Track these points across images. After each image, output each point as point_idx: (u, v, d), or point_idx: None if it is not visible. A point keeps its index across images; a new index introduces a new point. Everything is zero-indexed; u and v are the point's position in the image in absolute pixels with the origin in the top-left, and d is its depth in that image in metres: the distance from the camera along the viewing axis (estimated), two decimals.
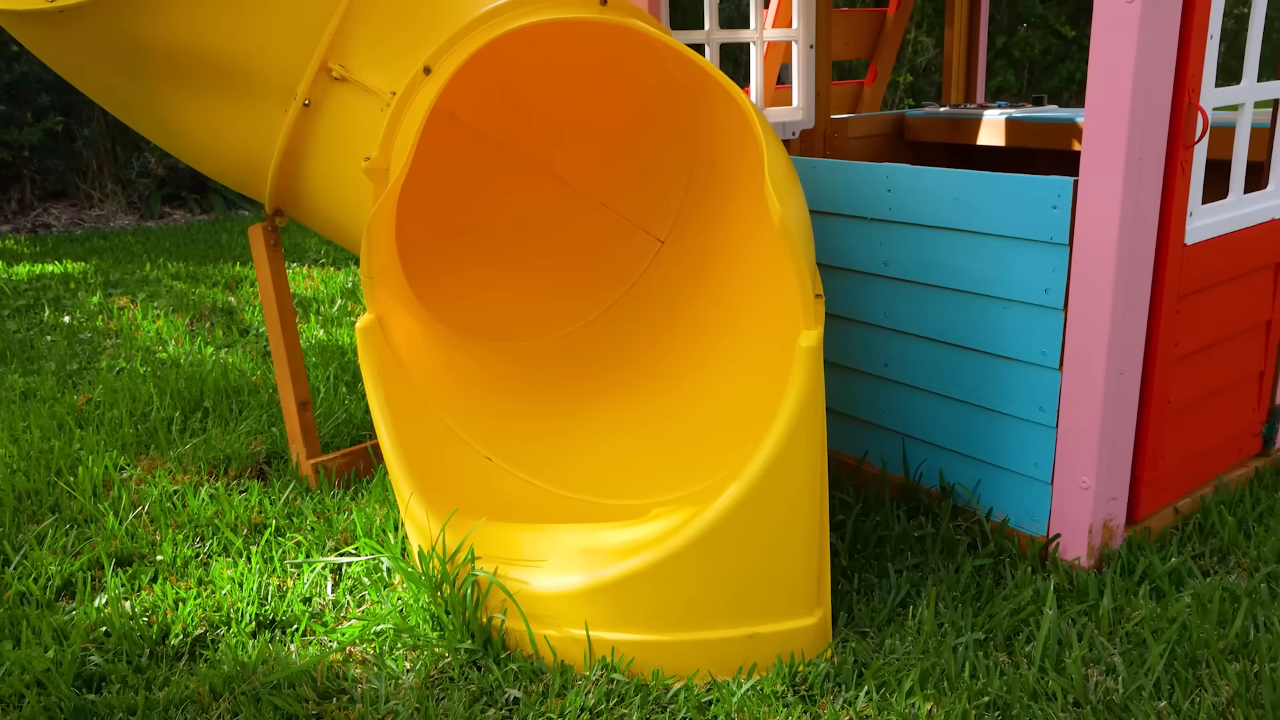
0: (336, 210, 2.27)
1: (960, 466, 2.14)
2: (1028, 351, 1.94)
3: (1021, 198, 1.88)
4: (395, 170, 1.96)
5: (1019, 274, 1.92)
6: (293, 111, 2.13)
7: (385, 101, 2.06)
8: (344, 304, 4.09)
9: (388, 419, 1.94)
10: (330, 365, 3.18)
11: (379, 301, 1.98)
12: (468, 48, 1.98)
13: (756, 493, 1.64)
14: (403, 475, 1.90)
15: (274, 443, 2.69)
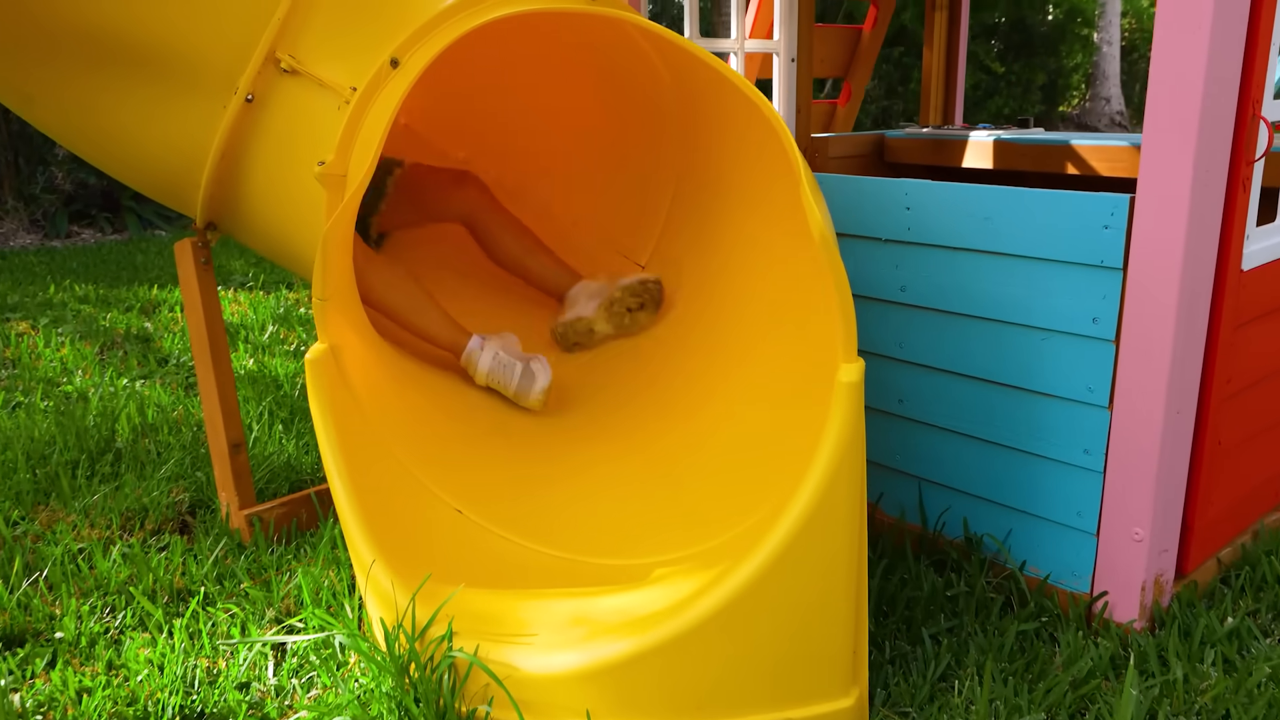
0: (281, 223, 1.97)
1: (987, 515, 1.93)
2: (1071, 387, 1.74)
3: (1066, 216, 1.69)
4: (355, 177, 1.68)
5: (1061, 301, 1.73)
6: (233, 108, 1.83)
7: (343, 98, 1.78)
8: (276, 331, 3.74)
9: (342, 466, 1.64)
10: (264, 400, 2.85)
11: (332, 329, 1.70)
12: (442, 39, 1.72)
13: (792, 552, 1.40)
14: (361, 534, 1.60)
15: (199, 490, 2.36)
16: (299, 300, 4.33)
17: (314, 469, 2.47)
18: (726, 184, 2.08)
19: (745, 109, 1.74)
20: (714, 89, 1.87)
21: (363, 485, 1.66)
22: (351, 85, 1.79)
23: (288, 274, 4.93)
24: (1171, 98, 1.53)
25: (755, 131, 1.83)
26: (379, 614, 1.58)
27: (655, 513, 1.84)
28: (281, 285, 4.63)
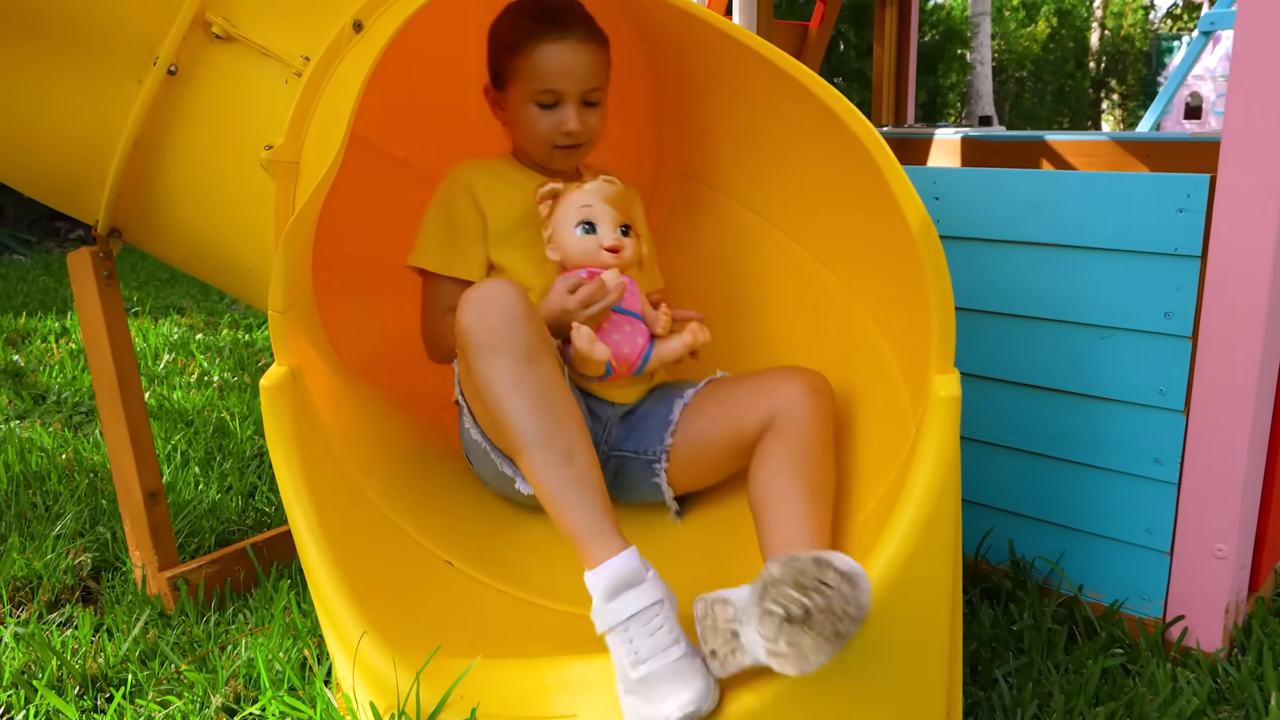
0: (212, 225, 1.64)
1: (1036, 536, 1.74)
2: (1137, 390, 1.57)
3: (1132, 200, 1.52)
4: (319, 164, 1.38)
5: (1125, 295, 1.56)
6: (150, 83, 1.50)
7: (293, 69, 1.48)
8: (172, 360, 3.32)
9: (312, 517, 1.33)
10: (171, 438, 2.46)
11: (294, 347, 1.38)
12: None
13: (895, 593, 1.17)
14: (342, 599, 1.29)
15: (103, 549, 1.97)
16: (194, 325, 3.90)
17: (245, 516, 2.11)
18: (720, 176, 1.84)
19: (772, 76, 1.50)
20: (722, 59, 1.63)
21: (337, 538, 1.35)
22: (303, 54, 1.49)
23: (177, 297, 4.47)
24: (1258, 60, 1.38)
25: (793, 105, 1.59)
26: (370, 698, 1.27)
27: (675, 554, 1.57)
28: (171, 310, 4.18)
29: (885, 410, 1.42)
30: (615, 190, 1.55)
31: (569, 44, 1.53)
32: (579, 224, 1.52)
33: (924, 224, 1.17)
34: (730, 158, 1.80)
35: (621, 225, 1.54)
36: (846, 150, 1.39)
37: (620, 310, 1.53)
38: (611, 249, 1.52)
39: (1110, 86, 20.74)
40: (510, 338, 1.29)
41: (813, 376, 1.45)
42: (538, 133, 1.58)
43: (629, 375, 1.55)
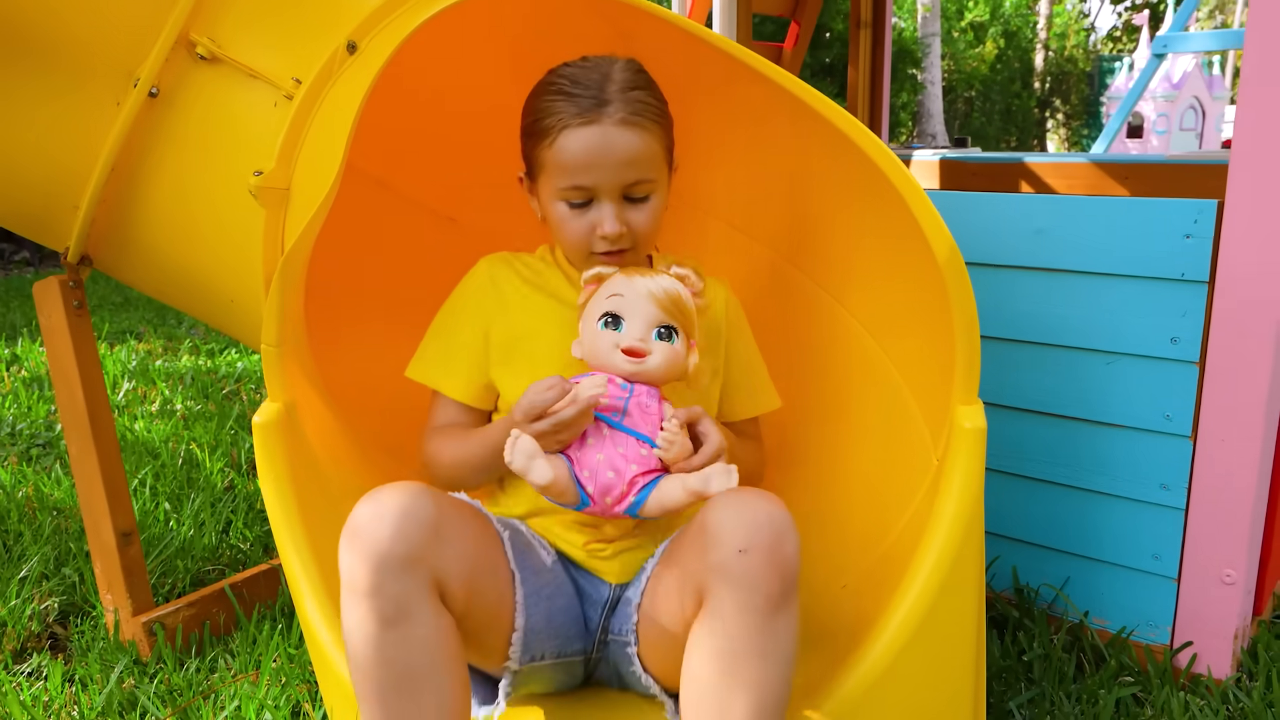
0: (194, 254, 1.57)
1: (1039, 562, 1.72)
2: (1144, 416, 1.56)
3: (1138, 225, 1.52)
4: (314, 191, 1.32)
5: (1131, 320, 1.55)
6: (130, 106, 1.43)
7: (283, 91, 1.42)
8: (132, 389, 3.20)
9: (308, 558, 1.27)
10: (140, 471, 2.36)
11: (290, 382, 1.32)
12: (413, 16, 1.38)
13: (923, 630, 1.14)
14: (338, 645, 1.23)
15: (70, 592, 1.88)
16: (152, 351, 3.78)
17: (220, 553, 2.02)
18: (714, 198, 1.81)
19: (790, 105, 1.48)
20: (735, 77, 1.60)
21: (335, 581, 1.28)
22: (294, 76, 1.43)
23: (133, 321, 4.33)
24: (1267, 90, 1.38)
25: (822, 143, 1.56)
26: None
27: None
28: (128, 335, 4.04)
29: (902, 439, 1.39)
30: (667, 288, 1.20)
31: (600, 129, 1.21)
32: (602, 316, 1.20)
33: (950, 252, 1.14)
34: (720, 178, 1.77)
35: (661, 326, 1.18)
36: (853, 172, 1.37)
37: (620, 427, 1.16)
38: (628, 351, 1.17)
39: (1055, 106, 21.23)
40: (378, 588, 0.99)
41: (757, 515, 1.02)
42: (570, 236, 1.27)
43: (614, 513, 1.16)
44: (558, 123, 1.22)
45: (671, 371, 1.19)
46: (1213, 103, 13.71)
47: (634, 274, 1.22)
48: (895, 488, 1.37)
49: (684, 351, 1.20)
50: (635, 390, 1.17)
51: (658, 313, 1.19)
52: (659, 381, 1.19)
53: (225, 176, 1.46)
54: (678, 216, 1.89)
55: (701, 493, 1.10)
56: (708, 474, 1.11)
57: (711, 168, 1.73)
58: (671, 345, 1.19)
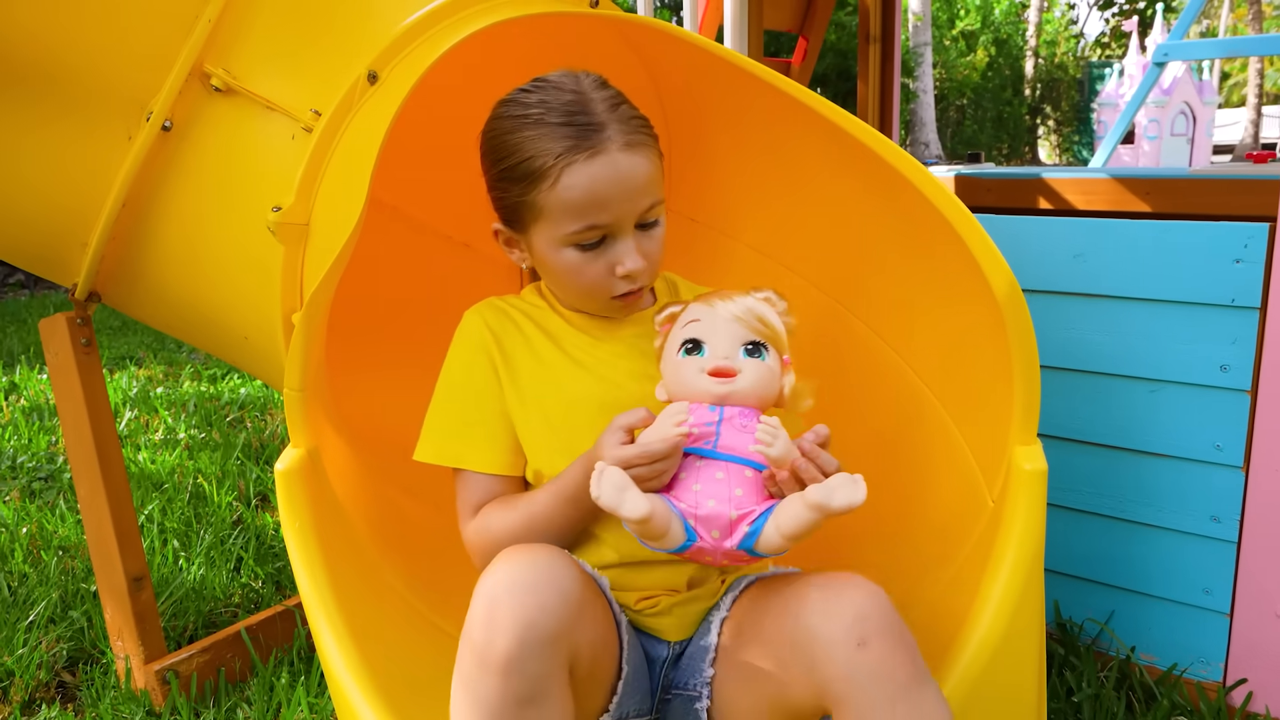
0: (209, 289, 1.51)
1: (1083, 596, 1.67)
2: (1192, 446, 1.51)
3: (1184, 249, 1.47)
4: (337, 227, 1.27)
5: (1177, 348, 1.50)
6: (143, 139, 1.38)
7: (301, 123, 1.37)
8: (134, 418, 3.14)
9: (334, 612, 1.20)
10: (146, 507, 2.30)
11: (313, 427, 1.26)
12: (434, 46, 1.34)
13: (987, 678, 1.09)
14: (366, 701, 1.16)
15: (78, 637, 1.82)
16: (153, 377, 3.71)
17: (231, 593, 1.96)
18: (738, 224, 1.76)
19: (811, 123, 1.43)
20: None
21: (361, 633, 1.22)
22: (312, 108, 1.37)
23: (131, 347, 4.26)
24: None
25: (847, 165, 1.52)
26: None
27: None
28: (127, 360, 3.98)
29: (950, 479, 1.34)
30: (749, 306, 1.09)
31: (608, 158, 1.07)
32: (683, 345, 1.08)
33: (1010, 286, 1.09)
34: (748, 203, 1.72)
35: (748, 344, 1.07)
36: (896, 201, 1.32)
37: (715, 454, 1.02)
38: (715, 372, 1.04)
39: (1046, 113, 21.32)
40: (518, 666, 0.90)
41: (856, 603, 0.95)
42: (586, 283, 1.13)
43: (726, 550, 0.99)
44: (556, 161, 1.07)
45: (765, 390, 1.06)
46: (1203, 108, 13.76)
47: (711, 299, 1.11)
48: (945, 533, 1.32)
49: (777, 369, 1.08)
50: (726, 412, 1.04)
51: (743, 330, 1.07)
52: (752, 402, 1.06)
53: (241, 212, 1.41)
54: (705, 242, 1.84)
55: (825, 507, 0.94)
56: (831, 485, 0.95)
57: (739, 192, 1.68)
58: (763, 362, 1.06)
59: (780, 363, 1.09)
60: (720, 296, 1.11)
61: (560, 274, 1.15)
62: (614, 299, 1.16)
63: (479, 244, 2.04)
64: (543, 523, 1.13)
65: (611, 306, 1.18)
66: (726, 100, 1.58)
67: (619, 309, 1.19)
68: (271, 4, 1.39)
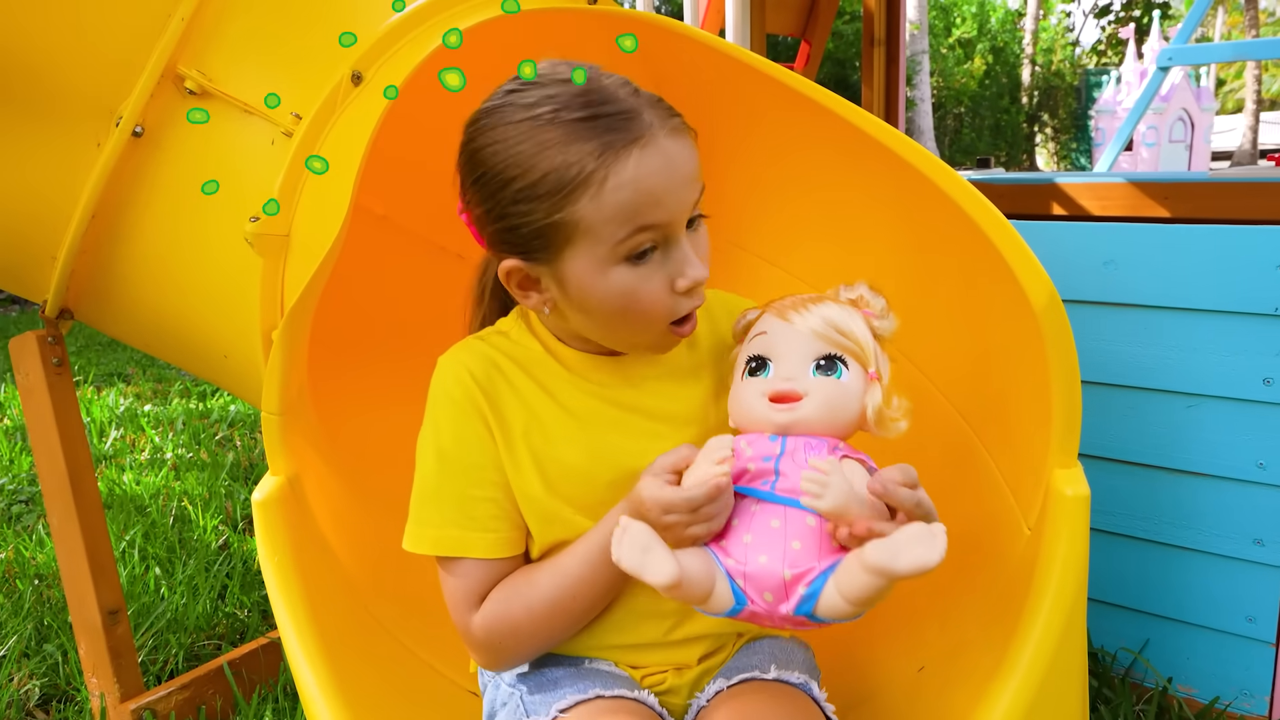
0: (184, 305, 1.42)
1: (1116, 623, 1.58)
2: (1234, 464, 1.42)
3: (1223, 256, 1.39)
4: (318, 238, 1.18)
5: (1216, 359, 1.41)
6: (112, 146, 1.29)
7: (281, 128, 1.28)
8: (120, 437, 3.04)
9: (316, 653, 1.11)
10: (128, 532, 2.21)
11: (293, 452, 1.17)
12: (423, 44, 1.25)
13: None
14: None
15: (52, 674, 1.72)
16: (141, 394, 3.62)
17: (215, 623, 1.87)
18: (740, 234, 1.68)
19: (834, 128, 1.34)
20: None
21: (345, 674, 1.13)
22: (293, 111, 1.29)
23: (120, 363, 4.17)
24: None
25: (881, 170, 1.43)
26: None
27: None
28: (115, 377, 3.88)
29: (981, 505, 1.24)
30: (827, 314, 0.93)
31: (656, 144, 0.89)
32: (748, 362, 0.94)
33: (1049, 298, 1.01)
34: (760, 211, 1.64)
35: (822, 358, 0.91)
36: (919, 205, 1.23)
37: (772, 497, 0.87)
38: (776, 397, 0.90)
39: (1043, 120, 21.30)
40: None
41: None
42: (642, 313, 0.92)
43: (783, 615, 0.85)
44: (600, 160, 0.86)
45: (839, 416, 0.90)
46: (1201, 114, 13.73)
47: (784, 307, 0.95)
48: (976, 565, 1.23)
49: (859, 387, 0.91)
50: (789, 445, 0.87)
51: (814, 343, 0.91)
52: (823, 430, 0.89)
53: (217, 222, 1.32)
54: (717, 253, 1.74)
55: (888, 571, 0.77)
56: (897, 542, 0.77)
57: (751, 200, 1.59)
58: (837, 380, 0.90)
59: (865, 378, 0.93)
60: (796, 303, 0.95)
61: (610, 305, 0.92)
62: (673, 325, 0.94)
63: (472, 254, 1.95)
64: (573, 597, 0.97)
65: (667, 339, 0.96)
66: (739, 103, 1.49)
67: (673, 340, 0.97)
68: (250, 1, 1.31)
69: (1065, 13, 24.02)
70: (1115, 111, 14.41)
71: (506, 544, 1.00)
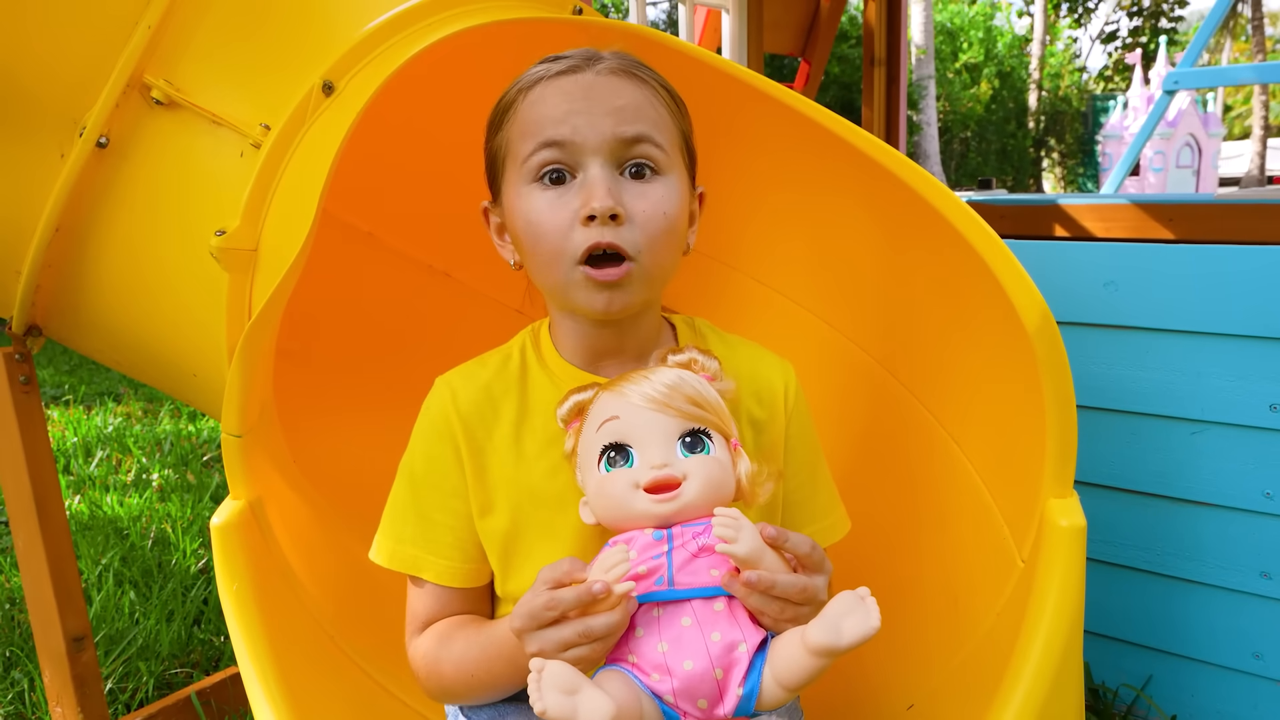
0: (151, 323, 1.38)
1: (1117, 658, 1.51)
2: (1240, 494, 1.36)
3: (1230, 277, 1.33)
4: (282, 253, 1.14)
5: (1221, 384, 1.36)
6: (76, 157, 1.25)
7: (250, 139, 1.24)
8: (106, 457, 3.00)
9: (275, 687, 1.06)
10: (105, 555, 2.15)
11: (255, 476, 1.12)
12: (398, 54, 1.21)
13: None
14: None
15: (18, 702, 1.67)
16: (131, 414, 3.58)
17: (189, 651, 1.81)
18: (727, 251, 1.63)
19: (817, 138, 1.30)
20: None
21: (307, 711, 1.07)
22: (262, 122, 1.25)
23: (112, 382, 4.13)
24: None
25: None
26: None
27: None
28: (106, 397, 3.85)
29: (975, 537, 1.19)
30: (672, 382, 0.85)
31: (584, 76, 0.91)
32: (603, 453, 0.85)
33: (1042, 318, 0.96)
34: (752, 231, 1.59)
35: (687, 434, 0.84)
36: (910, 220, 1.19)
37: (674, 595, 0.80)
38: (653, 488, 0.82)
39: (1050, 145, 21.30)
40: None
41: None
42: (549, 234, 0.89)
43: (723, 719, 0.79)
44: (518, 88, 0.93)
45: (720, 492, 0.84)
46: (1209, 140, 13.71)
47: (620, 383, 0.87)
48: (967, 599, 1.17)
49: (728, 458, 0.85)
50: (675, 537, 0.81)
51: (673, 420, 0.83)
52: (705, 512, 0.82)
53: (184, 237, 1.28)
54: (713, 276, 1.70)
55: (834, 649, 0.74)
56: (832, 615, 0.74)
57: (742, 219, 1.55)
58: (709, 456, 0.83)
59: (729, 448, 0.86)
60: (627, 379, 0.87)
61: (525, 233, 0.91)
62: (586, 267, 0.88)
63: (461, 273, 1.91)
64: (489, 672, 0.93)
65: (590, 290, 0.89)
66: (734, 122, 1.45)
67: (591, 289, 0.89)
68: (219, 9, 1.27)
69: (1072, 38, 24.09)
70: (1122, 136, 14.42)
71: (459, 574, 0.98)
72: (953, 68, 18.66)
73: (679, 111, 0.98)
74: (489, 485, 0.98)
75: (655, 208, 0.90)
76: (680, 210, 0.94)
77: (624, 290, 0.90)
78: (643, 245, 0.89)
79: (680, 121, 0.98)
